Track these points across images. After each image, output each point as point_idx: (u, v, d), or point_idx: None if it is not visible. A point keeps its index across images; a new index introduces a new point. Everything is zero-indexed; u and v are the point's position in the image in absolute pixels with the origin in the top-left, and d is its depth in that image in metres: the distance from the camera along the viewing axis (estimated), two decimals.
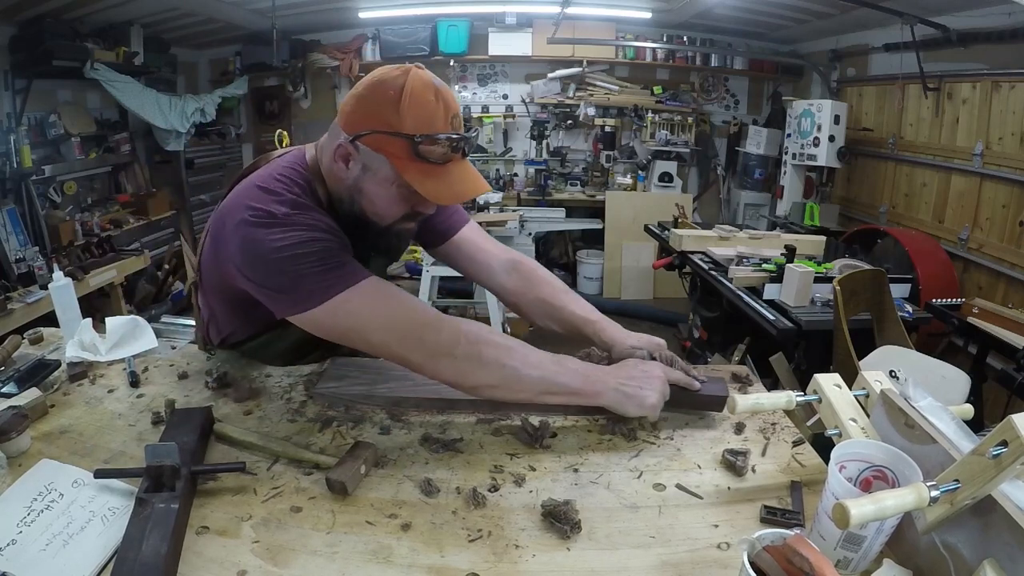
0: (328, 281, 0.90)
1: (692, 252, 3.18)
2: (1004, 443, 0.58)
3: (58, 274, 1.30)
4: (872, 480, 0.74)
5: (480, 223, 3.61)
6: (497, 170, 5.53)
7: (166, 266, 4.48)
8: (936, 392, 0.82)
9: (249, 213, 0.91)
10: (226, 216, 0.96)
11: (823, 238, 3.15)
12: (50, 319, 1.36)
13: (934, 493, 0.62)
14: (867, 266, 2.57)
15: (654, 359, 1.05)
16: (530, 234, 4.04)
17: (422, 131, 0.88)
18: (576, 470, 0.89)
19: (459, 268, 1.29)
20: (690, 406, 1.02)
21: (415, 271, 4.80)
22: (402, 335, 0.92)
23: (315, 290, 0.90)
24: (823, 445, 0.85)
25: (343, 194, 1.00)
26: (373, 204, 0.97)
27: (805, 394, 0.90)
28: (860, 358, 2.03)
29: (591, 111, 5.22)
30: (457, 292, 4.02)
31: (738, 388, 1.12)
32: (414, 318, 0.94)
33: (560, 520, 0.76)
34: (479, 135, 0.92)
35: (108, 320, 1.25)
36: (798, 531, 0.60)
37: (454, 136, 0.90)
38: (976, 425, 0.82)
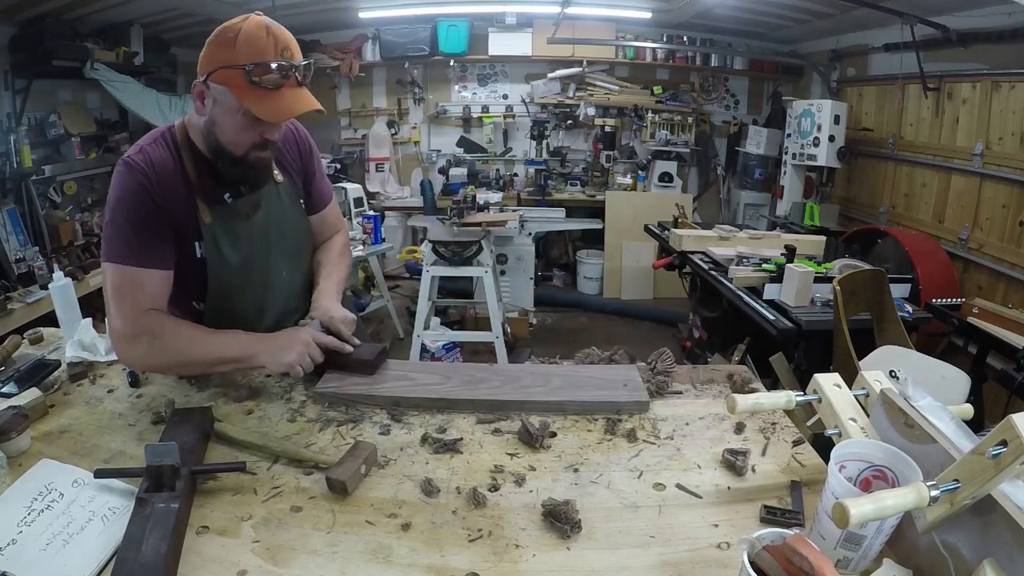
0: (125, 252, 1.07)
1: (692, 252, 3.18)
2: (1004, 443, 0.58)
3: (58, 274, 1.30)
4: (872, 480, 0.74)
5: (479, 223, 3.58)
6: (497, 170, 5.53)
7: None
8: (936, 392, 0.82)
9: (121, 157, 1.12)
10: None
11: (823, 238, 3.15)
12: (50, 319, 1.36)
13: (934, 493, 0.62)
14: (867, 266, 2.57)
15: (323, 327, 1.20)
16: (530, 234, 4.04)
17: (253, 60, 1.02)
18: (576, 470, 0.89)
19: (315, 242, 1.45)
20: (347, 367, 1.15)
21: (415, 271, 4.81)
22: (118, 319, 1.07)
23: (116, 250, 1.07)
24: (823, 445, 0.85)
25: (203, 130, 1.12)
26: (225, 133, 1.10)
27: (805, 394, 0.90)
28: (860, 358, 2.03)
29: (591, 111, 5.23)
30: (457, 292, 4.02)
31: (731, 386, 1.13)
32: (128, 303, 1.07)
33: (560, 520, 0.76)
34: (312, 67, 1.08)
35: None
36: (798, 531, 0.60)
37: (283, 64, 1.03)
38: (976, 425, 0.82)
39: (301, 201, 1.34)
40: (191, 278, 1.15)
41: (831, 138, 3.93)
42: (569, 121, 5.36)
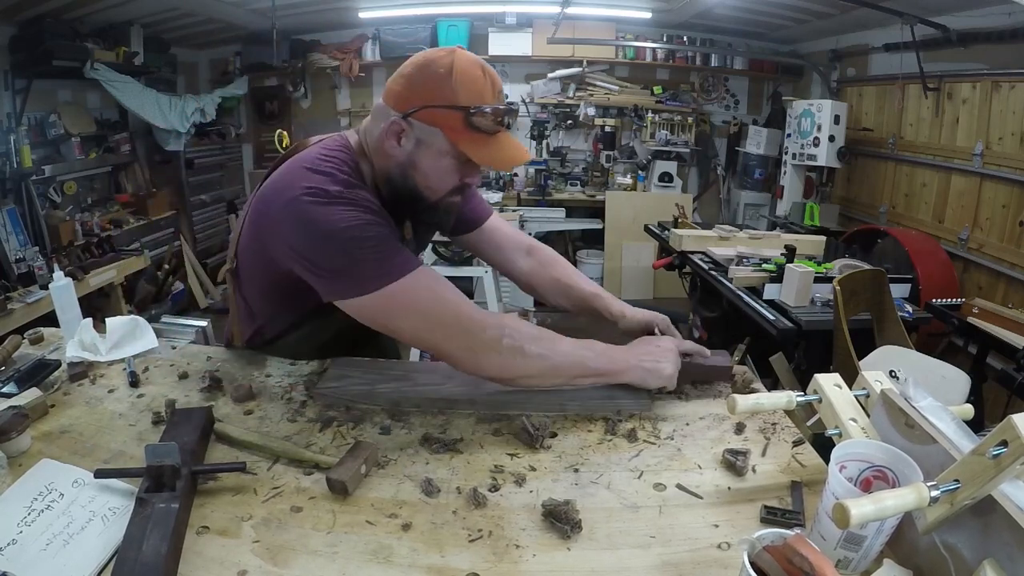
0: (385, 268, 0.91)
1: (692, 252, 3.18)
2: (1004, 443, 0.58)
3: (58, 274, 1.30)
4: (872, 480, 0.74)
5: None
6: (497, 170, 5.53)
7: (166, 266, 4.48)
8: (936, 392, 0.82)
9: (303, 192, 0.91)
10: (271, 198, 0.96)
11: (823, 238, 3.15)
12: (50, 319, 1.36)
13: (934, 493, 0.62)
14: (867, 266, 2.57)
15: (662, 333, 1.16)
16: (530, 234, 4.05)
17: (474, 103, 0.93)
18: (576, 470, 0.89)
19: (483, 255, 1.38)
20: (700, 375, 1.10)
21: None
22: (448, 331, 0.95)
23: (372, 276, 0.91)
24: (823, 445, 0.85)
25: (394, 172, 1.01)
26: (427, 177, 1.00)
27: (805, 394, 0.90)
28: (860, 358, 2.03)
29: (591, 111, 5.23)
30: None
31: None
32: (460, 313, 0.96)
33: (560, 520, 0.76)
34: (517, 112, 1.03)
35: (108, 320, 1.25)
36: (798, 531, 0.60)
37: (502, 107, 0.95)
38: (976, 425, 0.82)
39: None
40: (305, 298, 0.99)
41: (831, 138, 3.93)
42: (569, 121, 5.36)
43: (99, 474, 0.81)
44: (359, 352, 1.22)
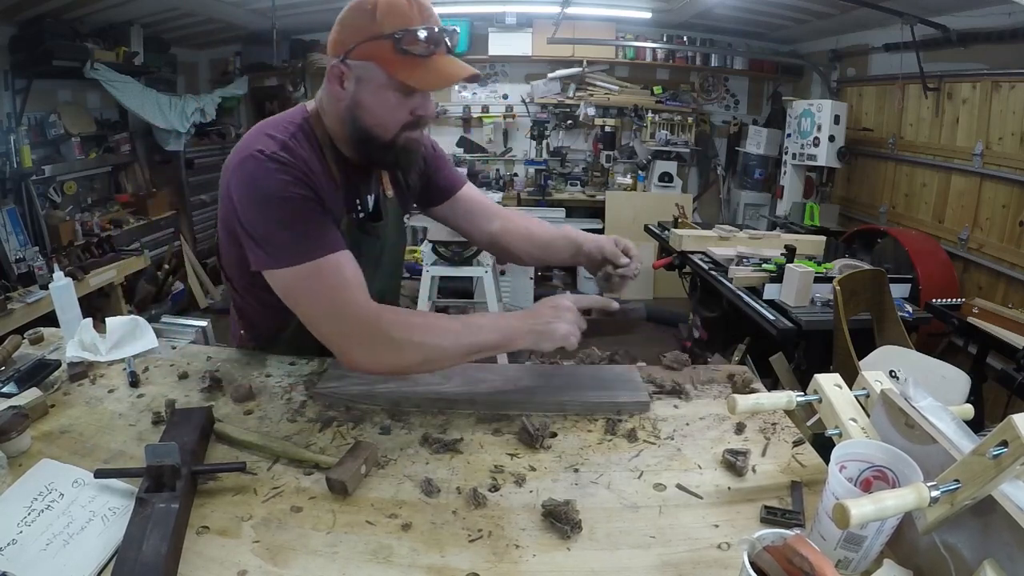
0: (303, 247, 0.94)
1: (692, 252, 3.18)
2: (1004, 443, 0.58)
3: (58, 274, 1.30)
4: (872, 480, 0.74)
5: None
6: (497, 170, 5.53)
7: (166, 266, 4.48)
8: (936, 392, 0.82)
9: (254, 150, 0.96)
10: (231, 157, 1.01)
11: (823, 238, 3.15)
12: (50, 319, 1.36)
13: (934, 493, 0.62)
14: (867, 266, 2.57)
15: (617, 249, 1.15)
16: None
17: (400, 27, 0.93)
18: (576, 470, 0.89)
19: (455, 225, 1.35)
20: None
21: (415, 271, 4.80)
22: (341, 325, 0.95)
23: (289, 250, 0.94)
24: (823, 445, 0.85)
25: (345, 117, 1.02)
26: (374, 115, 1.00)
27: (805, 394, 0.90)
28: (860, 358, 2.03)
29: (591, 111, 5.22)
30: (457, 292, 4.01)
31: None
32: (354, 303, 0.96)
33: (560, 520, 0.76)
34: (457, 34, 1.01)
35: (108, 320, 1.25)
36: (798, 531, 0.60)
37: (433, 28, 0.95)
38: (976, 425, 0.82)
39: (405, 219, 1.29)
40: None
41: (831, 138, 3.93)
42: (569, 121, 5.36)
43: (99, 474, 0.81)
44: None
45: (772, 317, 2.36)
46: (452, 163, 1.37)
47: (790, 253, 2.69)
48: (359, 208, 1.14)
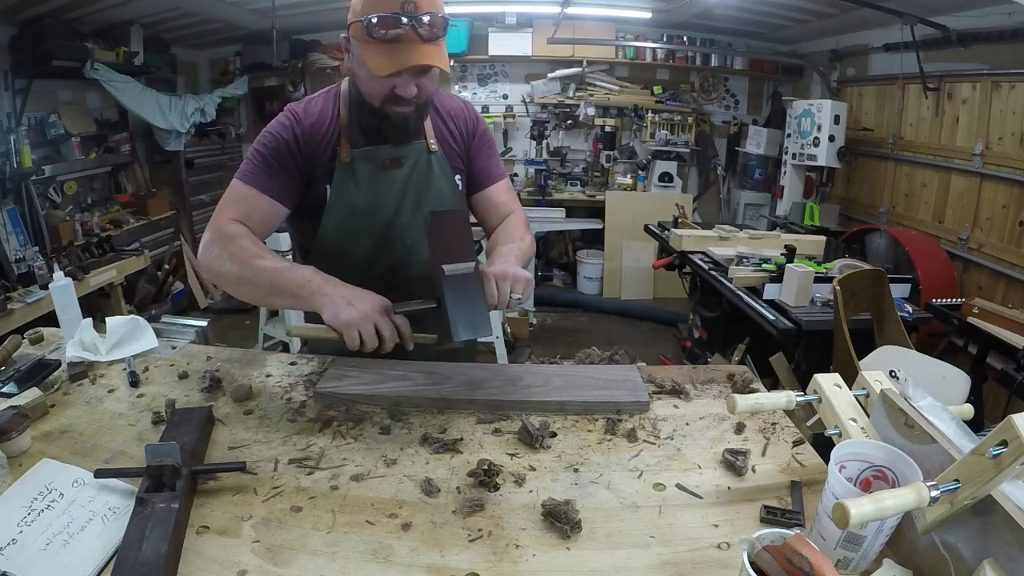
0: (244, 169, 1.17)
1: (692, 252, 3.18)
2: (1004, 443, 0.58)
3: (58, 274, 1.30)
4: (872, 480, 0.74)
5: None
6: None
7: (166, 266, 4.48)
8: (936, 392, 0.82)
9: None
10: None
11: (823, 238, 3.15)
12: (50, 319, 1.36)
13: (934, 493, 0.62)
14: (867, 266, 2.57)
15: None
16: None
17: (370, 12, 1.02)
18: (576, 470, 0.89)
19: (479, 219, 1.40)
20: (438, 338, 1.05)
21: None
22: (211, 222, 1.15)
23: (241, 168, 1.17)
24: (823, 445, 0.85)
25: (351, 80, 1.19)
26: (362, 84, 1.14)
27: (805, 394, 0.90)
28: (860, 358, 2.03)
29: (591, 111, 5.22)
30: None
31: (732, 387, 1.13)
32: (221, 213, 1.15)
33: (560, 520, 0.76)
34: (443, 21, 1.05)
35: (108, 320, 1.25)
36: (798, 531, 0.60)
37: (398, 13, 1.01)
38: (976, 425, 0.82)
39: (457, 178, 1.30)
40: (313, 224, 1.20)
41: (831, 138, 3.93)
42: (569, 121, 5.36)
43: (99, 474, 0.81)
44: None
45: (772, 317, 2.36)
46: (495, 157, 1.39)
47: (790, 253, 2.69)
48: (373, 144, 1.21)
